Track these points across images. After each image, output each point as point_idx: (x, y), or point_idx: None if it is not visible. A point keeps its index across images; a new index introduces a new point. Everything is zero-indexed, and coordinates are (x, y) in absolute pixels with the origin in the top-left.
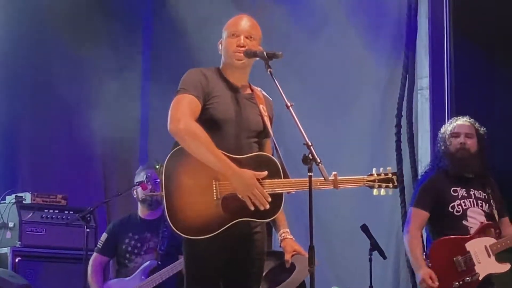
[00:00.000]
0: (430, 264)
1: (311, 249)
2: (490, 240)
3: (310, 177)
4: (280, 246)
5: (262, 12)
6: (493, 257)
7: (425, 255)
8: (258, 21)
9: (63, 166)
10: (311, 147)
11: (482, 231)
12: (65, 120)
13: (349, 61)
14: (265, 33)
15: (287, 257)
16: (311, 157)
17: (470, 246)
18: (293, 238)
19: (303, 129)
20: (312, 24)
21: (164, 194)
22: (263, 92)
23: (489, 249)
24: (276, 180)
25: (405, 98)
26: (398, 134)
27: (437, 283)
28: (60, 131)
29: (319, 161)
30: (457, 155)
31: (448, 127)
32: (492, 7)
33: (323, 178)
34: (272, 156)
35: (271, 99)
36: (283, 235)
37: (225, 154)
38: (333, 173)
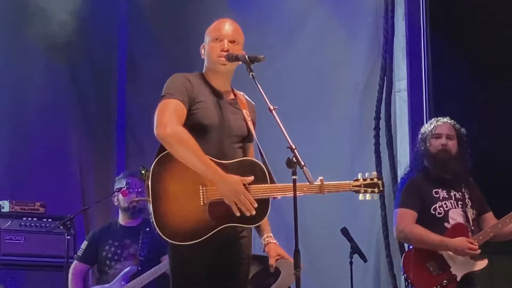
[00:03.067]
0: (405, 275)
1: (296, 253)
2: None
3: (294, 180)
4: (264, 251)
5: (239, 15)
6: (467, 256)
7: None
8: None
9: (41, 174)
10: (295, 150)
11: (454, 232)
12: (42, 127)
13: (326, 64)
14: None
15: (271, 261)
16: (295, 161)
17: None
18: (277, 243)
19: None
20: (288, 27)
21: (150, 199)
22: (246, 97)
23: None
24: (262, 185)
25: (383, 101)
26: (376, 136)
27: (476, 245)
28: (37, 138)
29: (303, 164)
30: (439, 157)
31: (428, 128)
32: (468, 7)
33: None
34: (258, 161)
35: (253, 103)
36: (266, 239)
37: (211, 159)
38: (320, 178)
